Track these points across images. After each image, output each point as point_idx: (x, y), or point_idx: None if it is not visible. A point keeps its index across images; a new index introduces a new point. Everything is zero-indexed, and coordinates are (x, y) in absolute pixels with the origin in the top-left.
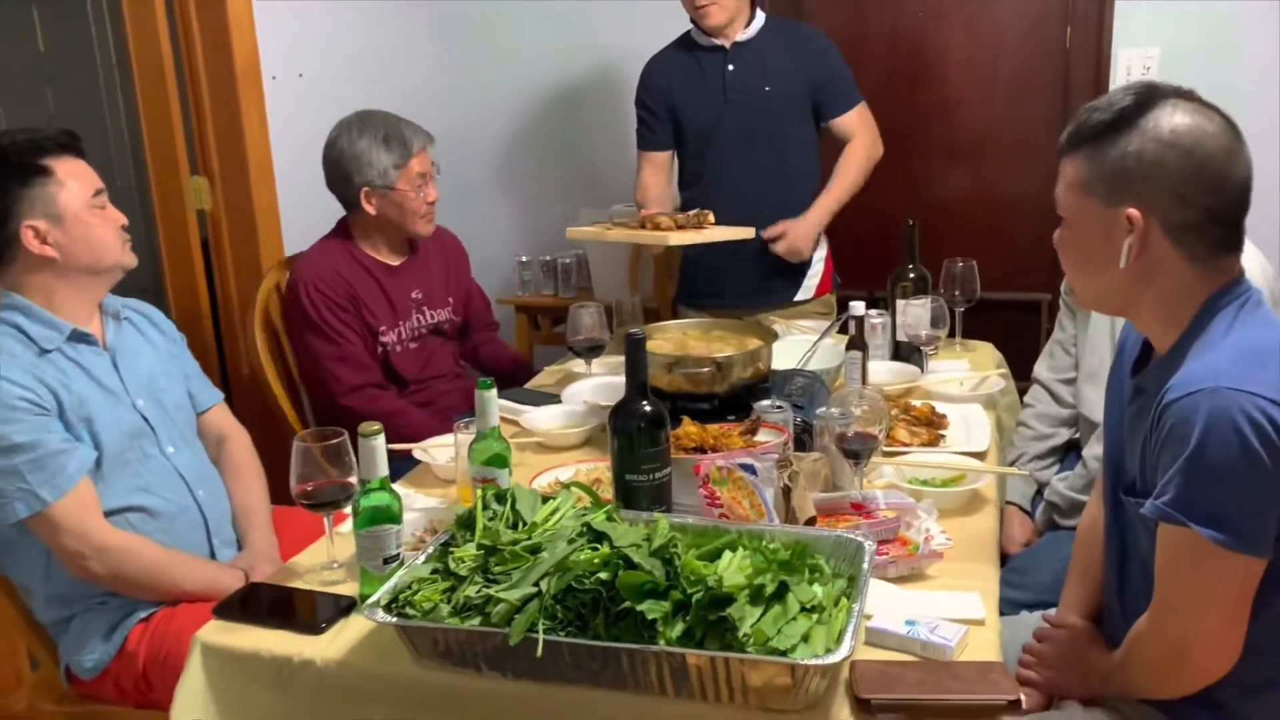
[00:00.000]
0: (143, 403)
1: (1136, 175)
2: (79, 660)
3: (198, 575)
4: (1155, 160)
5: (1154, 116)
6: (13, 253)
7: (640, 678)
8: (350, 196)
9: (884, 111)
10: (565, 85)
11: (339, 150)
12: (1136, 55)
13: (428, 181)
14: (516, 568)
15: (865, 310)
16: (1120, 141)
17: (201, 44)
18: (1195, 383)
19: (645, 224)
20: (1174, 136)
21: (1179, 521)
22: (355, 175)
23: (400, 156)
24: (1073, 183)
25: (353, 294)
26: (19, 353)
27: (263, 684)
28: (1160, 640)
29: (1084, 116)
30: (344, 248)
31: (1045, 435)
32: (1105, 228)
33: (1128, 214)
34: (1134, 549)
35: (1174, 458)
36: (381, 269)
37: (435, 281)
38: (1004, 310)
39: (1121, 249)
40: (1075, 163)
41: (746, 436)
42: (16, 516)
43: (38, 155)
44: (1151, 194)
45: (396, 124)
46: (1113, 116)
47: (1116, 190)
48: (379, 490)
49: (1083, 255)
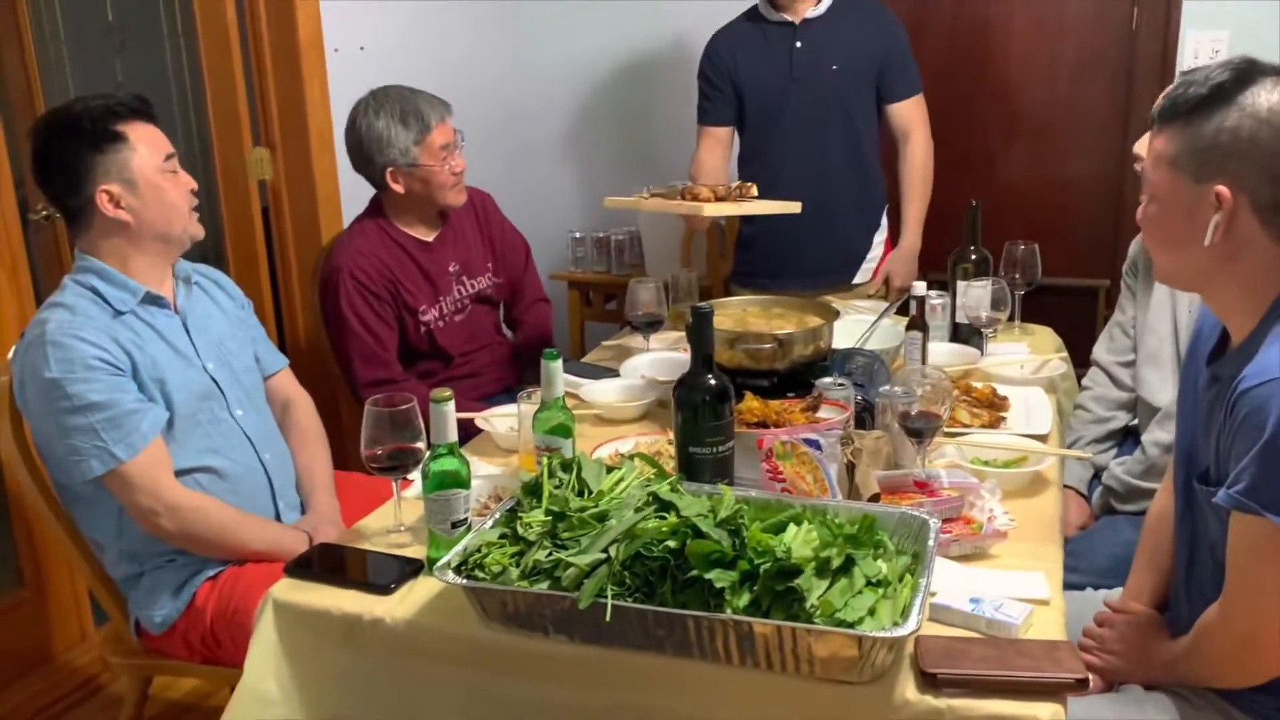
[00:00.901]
0: (212, 365)
1: (1230, 152)
2: (149, 615)
3: (263, 535)
4: (1250, 137)
5: (1252, 93)
6: (88, 217)
7: (706, 645)
8: (376, 177)
9: (944, 91)
10: (628, 60)
11: (358, 133)
12: (1205, 38)
13: (452, 152)
14: (585, 534)
15: (926, 291)
16: (1215, 117)
17: (266, 15)
18: (1271, 371)
19: (685, 195)
20: (1271, 114)
21: (1253, 510)
22: (377, 156)
23: (419, 132)
24: (1163, 156)
25: (391, 279)
26: (95, 314)
27: (332, 641)
28: (1230, 631)
29: (1178, 90)
30: (379, 227)
31: (1103, 419)
32: (1192, 204)
33: (1217, 191)
34: (1204, 538)
35: (1248, 446)
36: (417, 246)
37: (472, 249)
38: (1062, 295)
39: (1208, 226)
40: (1166, 137)
41: (808, 413)
42: (92, 473)
43: (111, 121)
44: (1243, 171)
45: (412, 98)
46: (1209, 91)
47: (1207, 166)
48: (448, 455)
49: (1167, 231)
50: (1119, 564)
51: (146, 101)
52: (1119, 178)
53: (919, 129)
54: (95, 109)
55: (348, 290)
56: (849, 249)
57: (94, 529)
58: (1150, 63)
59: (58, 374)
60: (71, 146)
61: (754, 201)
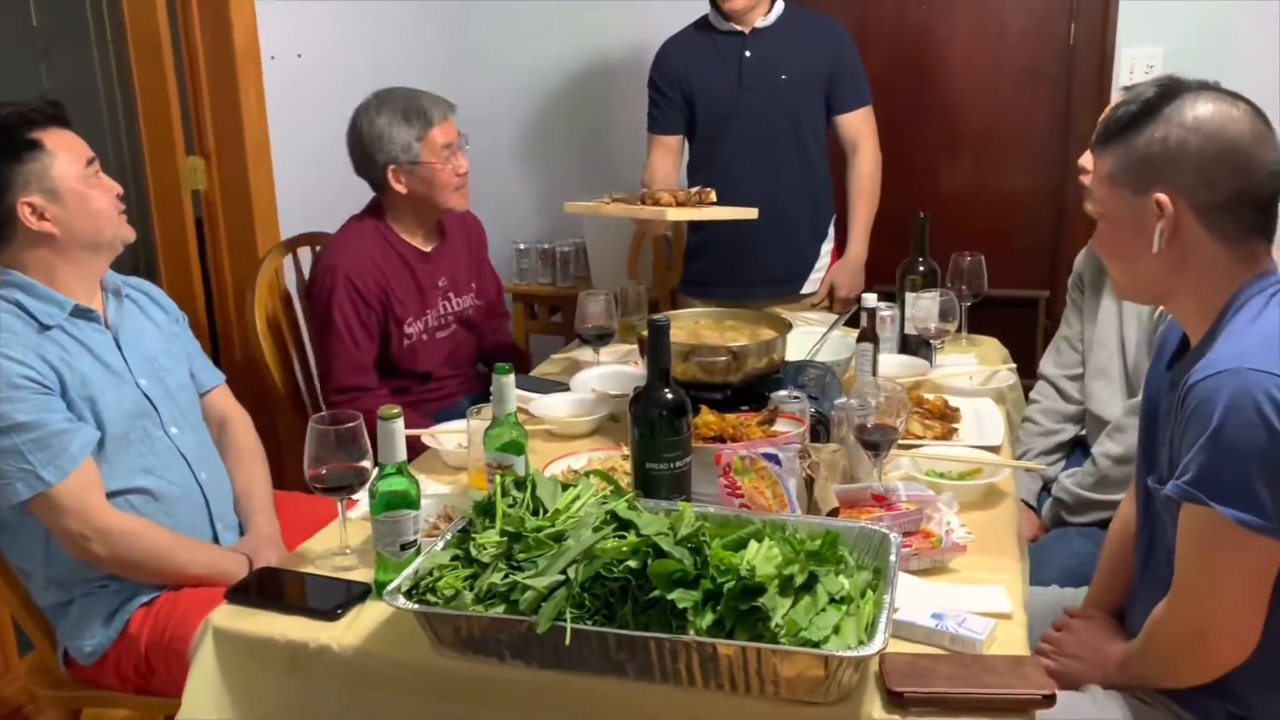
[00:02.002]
0: (145, 382)
1: (1163, 161)
2: (78, 645)
3: (201, 559)
4: (1179, 145)
5: (1177, 105)
6: (11, 230)
7: (668, 668)
8: (378, 177)
9: (887, 104)
10: (572, 70)
11: (359, 132)
12: (1140, 54)
13: (455, 152)
14: (541, 555)
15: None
16: (1146, 131)
17: (200, 21)
18: (1219, 364)
19: (645, 200)
20: (1197, 122)
21: (1199, 500)
22: (379, 154)
23: (421, 128)
24: (1104, 176)
25: (385, 289)
26: (20, 330)
27: (277, 669)
28: (1178, 623)
29: (1112, 112)
30: (378, 231)
31: (1051, 431)
32: (1137, 216)
33: (1157, 199)
34: (1161, 542)
35: (1196, 437)
36: (415, 255)
37: (460, 267)
38: (1003, 306)
39: (1154, 235)
40: (1105, 157)
41: (765, 426)
42: (18, 497)
43: (26, 129)
44: (1178, 177)
45: (414, 96)
46: (1139, 108)
47: (1144, 177)
48: (397, 475)
49: (1118, 245)
50: (1070, 575)
51: (60, 106)
52: (1059, 189)
53: (867, 140)
54: (8, 117)
55: (340, 295)
56: (798, 258)
57: (19, 555)
58: (1088, 77)
59: None
60: None
61: (713, 207)
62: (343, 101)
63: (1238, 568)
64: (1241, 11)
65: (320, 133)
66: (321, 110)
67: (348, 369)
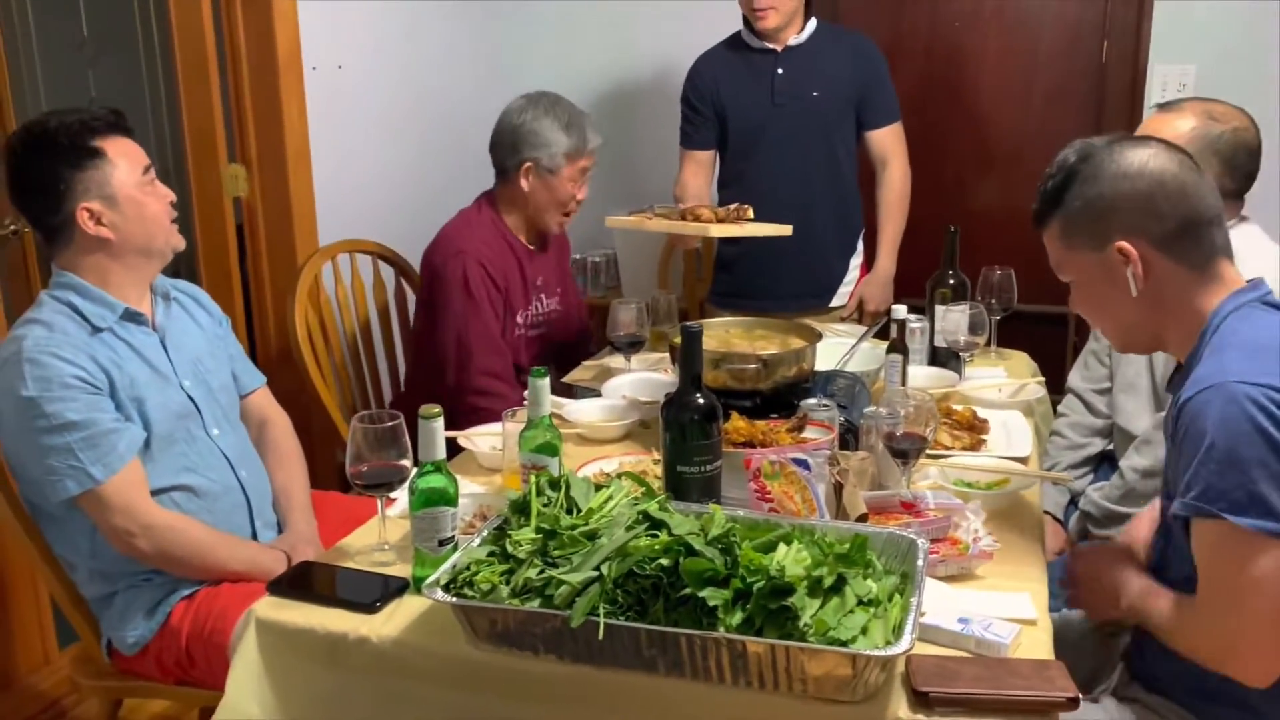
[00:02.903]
0: (189, 384)
1: (1108, 211)
2: (121, 635)
3: (240, 555)
4: (1114, 193)
5: (1097, 162)
6: (69, 234)
7: (698, 664)
8: (510, 167)
9: (919, 119)
10: (606, 86)
11: (520, 121)
12: (1173, 71)
13: (584, 180)
14: (575, 552)
15: (906, 314)
16: (1079, 191)
17: (244, 32)
18: (1204, 380)
19: (686, 215)
20: (1121, 170)
21: (1210, 514)
22: (525, 148)
23: (575, 146)
24: (1060, 245)
25: (505, 273)
26: (72, 331)
27: (317, 660)
28: (1209, 639)
29: (1041, 189)
30: (492, 221)
31: (1079, 445)
32: (1105, 268)
33: (1118, 247)
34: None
35: (1194, 453)
36: (523, 250)
37: (552, 271)
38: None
39: (1128, 280)
40: (1053, 228)
41: (794, 433)
42: (68, 494)
43: (88, 136)
44: (1128, 220)
45: (580, 116)
46: (1064, 176)
47: (1097, 232)
48: (436, 473)
49: (1097, 303)
50: None
51: (121, 114)
52: None
53: (897, 156)
54: (71, 124)
55: (475, 278)
56: (826, 272)
57: (66, 548)
58: (1120, 94)
59: (34, 392)
60: (49, 164)
61: (751, 224)
62: (381, 111)
63: (1261, 576)
64: (1274, 29)
65: (359, 142)
66: (361, 120)
67: (488, 353)
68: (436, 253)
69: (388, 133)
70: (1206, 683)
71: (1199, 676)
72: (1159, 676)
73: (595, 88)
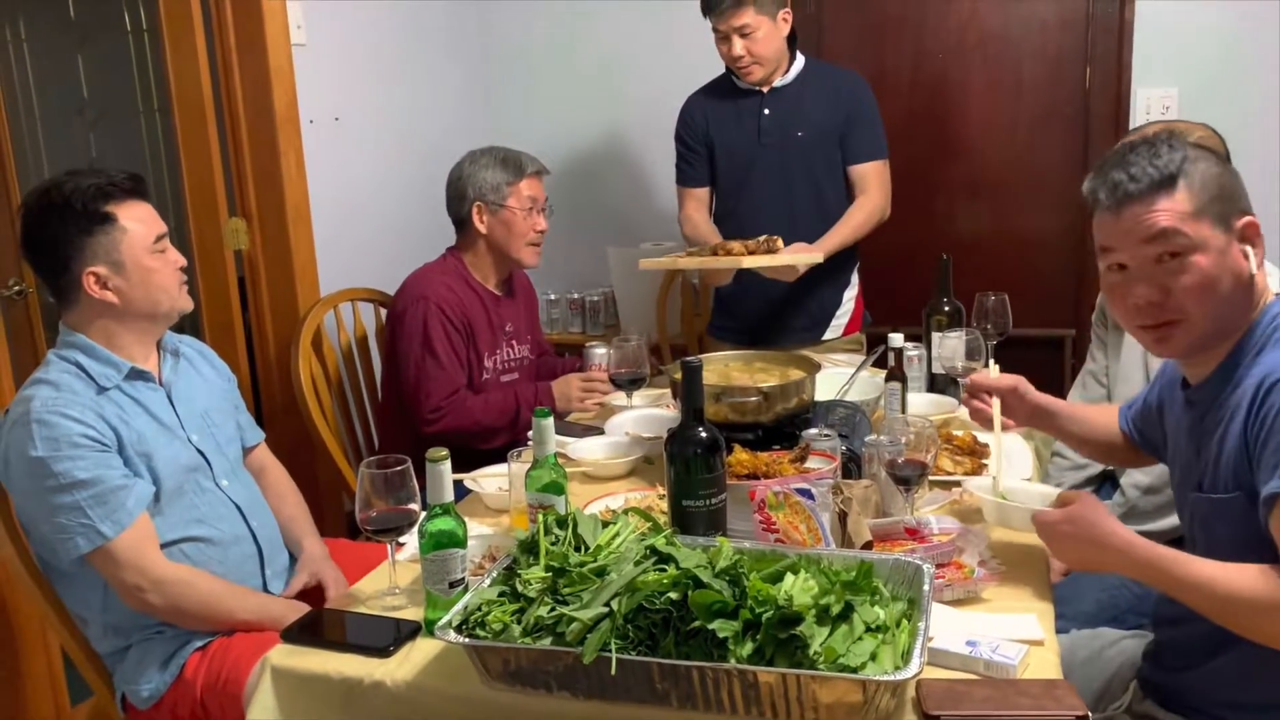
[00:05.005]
0: (197, 437)
1: (1229, 186)
2: (135, 689)
3: (250, 605)
4: (1224, 171)
5: (1180, 141)
6: (75, 296)
7: (710, 696)
8: (465, 215)
9: (907, 149)
10: (592, 132)
11: (460, 174)
12: (1156, 94)
13: (537, 209)
14: (585, 589)
15: (903, 342)
16: (1200, 169)
17: (242, 89)
18: None
19: (718, 251)
20: (1201, 153)
21: None
22: (470, 190)
23: (513, 175)
24: (1187, 214)
25: (468, 319)
26: (80, 390)
27: (332, 706)
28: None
29: (1151, 157)
30: (457, 269)
31: (1080, 465)
32: (1224, 248)
33: (1248, 222)
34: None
35: None
36: (489, 296)
37: (521, 318)
38: (1029, 346)
39: (1244, 262)
40: (1178, 198)
41: (797, 464)
42: (78, 551)
43: (103, 202)
44: (1241, 200)
45: (514, 152)
46: (1168, 149)
47: (1224, 213)
48: (445, 515)
49: (1216, 282)
50: (1104, 609)
51: (140, 179)
52: (1079, 229)
53: (874, 191)
54: (87, 189)
55: (434, 322)
56: (820, 306)
57: (78, 604)
58: (1104, 119)
59: (44, 452)
60: (60, 227)
61: (782, 253)
62: (378, 162)
63: None
64: (1253, 51)
65: (357, 192)
66: (359, 171)
67: (440, 387)
68: (399, 300)
69: (385, 182)
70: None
71: (1231, 685)
72: (1179, 691)
73: (589, 131)
